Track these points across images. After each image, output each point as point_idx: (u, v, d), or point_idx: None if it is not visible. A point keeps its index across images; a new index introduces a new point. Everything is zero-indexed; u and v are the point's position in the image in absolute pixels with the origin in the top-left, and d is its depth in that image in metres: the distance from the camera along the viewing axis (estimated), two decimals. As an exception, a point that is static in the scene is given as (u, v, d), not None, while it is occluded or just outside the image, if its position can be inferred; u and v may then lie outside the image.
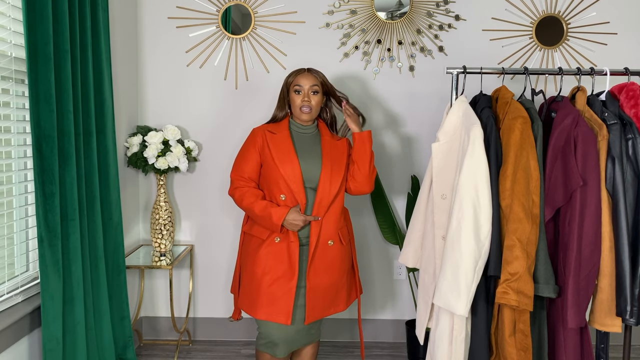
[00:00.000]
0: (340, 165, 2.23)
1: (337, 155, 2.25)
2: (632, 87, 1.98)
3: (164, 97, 3.07)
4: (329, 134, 2.31)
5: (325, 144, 2.26)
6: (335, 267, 2.24)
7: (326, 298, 2.23)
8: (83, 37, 2.24)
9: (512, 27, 3.00)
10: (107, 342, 2.42)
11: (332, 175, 2.19)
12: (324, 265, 2.20)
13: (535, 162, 1.89)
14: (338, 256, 2.24)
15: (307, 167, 2.20)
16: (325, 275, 2.21)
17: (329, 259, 2.21)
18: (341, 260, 2.26)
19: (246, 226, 2.35)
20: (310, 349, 2.35)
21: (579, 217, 1.85)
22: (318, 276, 2.19)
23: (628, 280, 1.84)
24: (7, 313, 1.99)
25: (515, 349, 1.93)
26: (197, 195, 3.11)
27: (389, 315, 3.18)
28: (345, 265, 2.29)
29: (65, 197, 2.10)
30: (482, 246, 1.86)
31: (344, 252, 2.27)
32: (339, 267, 2.25)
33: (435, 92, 3.03)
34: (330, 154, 2.24)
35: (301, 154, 2.23)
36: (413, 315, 3.13)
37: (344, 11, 3.01)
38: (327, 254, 2.21)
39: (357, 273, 2.40)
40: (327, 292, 2.23)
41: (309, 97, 2.23)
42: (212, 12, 3.00)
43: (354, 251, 2.40)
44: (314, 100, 2.24)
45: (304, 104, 2.22)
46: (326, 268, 2.21)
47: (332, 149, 2.26)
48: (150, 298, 3.16)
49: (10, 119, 2.06)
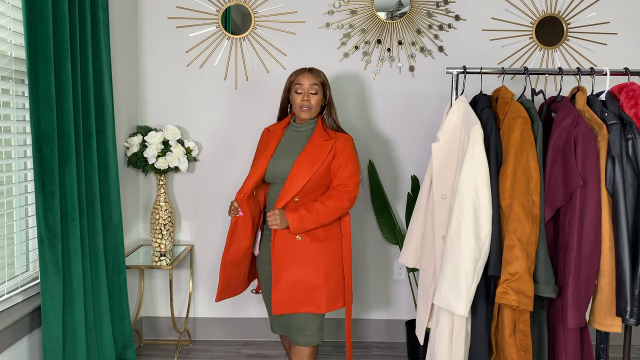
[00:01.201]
0: (311, 166, 2.20)
1: (315, 155, 2.22)
2: (632, 87, 1.98)
3: (164, 97, 3.07)
4: (320, 134, 2.28)
5: (310, 144, 2.26)
6: (306, 263, 2.19)
7: (294, 294, 2.20)
8: (83, 37, 2.24)
9: (512, 27, 3.00)
10: (107, 342, 2.42)
11: (298, 173, 2.20)
12: (288, 259, 2.20)
13: (535, 162, 1.89)
14: (310, 253, 2.20)
15: (277, 165, 2.26)
16: (290, 270, 2.19)
17: (295, 253, 2.20)
18: (314, 258, 2.20)
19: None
20: (306, 350, 2.28)
21: (579, 217, 1.85)
22: (281, 269, 2.20)
23: (628, 280, 1.84)
24: (7, 313, 1.99)
25: (515, 349, 1.93)
26: (197, 195, 3.11)
27: (389, 315, 3.18)
28: (323, 264, 2.21)
29: (65, 197, 2.10)
30: (482, 246, 1.86)
31: (321, 250, 2.21)
32: (312, 265, 2.20)
33: (435, 92, 3.03)
34: (309, 153, 2.23)
35: (282, 152, 2.29)
36: (413, 315, 3.13)
37: (344, 11, 3.01)
38: (294, 249, 2.20)
39: (348, 282, 2.28)
40: (294, 287, 2.19)
41: (308, 96, 2.26)
42: (212, 12, 3.00)
43: (347, 258, 2.29)
44: (313, 100, 2.26)
45: (303, 103, 2.26)
46: (291, 262, 2.20)
47: (313, 148, 2.24)
48: (150, 298, 3.16)
49: (10, 119, 2.06)
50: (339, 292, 2.27)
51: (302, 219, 2.15)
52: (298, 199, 2.21)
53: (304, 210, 2.16)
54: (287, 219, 2.16)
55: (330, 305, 2.23)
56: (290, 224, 2.15)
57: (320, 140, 2.25)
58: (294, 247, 2.21)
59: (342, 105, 3.03)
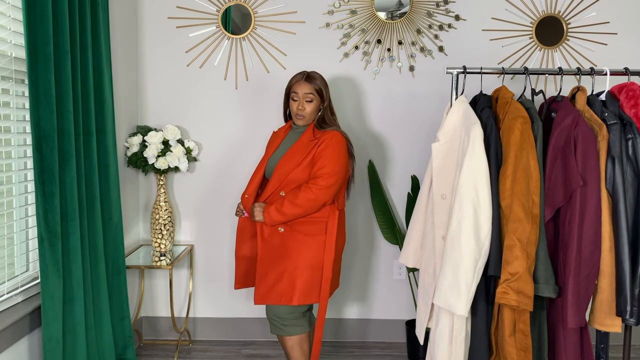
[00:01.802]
0: (292, 162, 2.30)
1: (297, 152, 2.31)
2: (632, 87, 1.98)
3: (164, 97, 3.07)
4: (309, 134, 2.35)
5: (295, 143, 2.35)
6: (283, 255, 2.28)
7: (270, 284, 2.28)
8: (83, 37, 2.24)
9: (512, 27, 3.00)
10: (107, 342, 2.42)
11: (280, 169, 2.31)
12: (268, 248, 2.31)
13: (535, 162, 1.89)
14: (291, 245, 2.28)
15: (271, 163, 2.40)
16: (269, 260, 2.30)
17: (276, 244, 2.30)
18: (294, 251, 2.27)
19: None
20: (288, 340, 2.36)
21: (579, 217, 1.85)
22: (263, 259, 2.32)
23: (628, 280, 1.84)
24: (7, 313, 1.99)
25: (515, 349, 1.93)
26: (197, 195, 3.11)
27: (388, 315, 3.18)
28: (302, 258, 2.26)
29: (65, 197, 2.10)
30: (482, 246, 1.86)
31: (302, 243, 2.28)
32: (290, 257, 2.27)
33: (435, 92, 3.03)
34: (292, 151, 2.33)
35: (278, 152, 2.41)
36: (413, 315, 3.13)
37: (344, 11, 3.01)
38: (275, 239, 2.31)
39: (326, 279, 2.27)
40: (271, 277, 2.28)
41: (303, 105, 2.34)
42: (212, 12, 3.00)
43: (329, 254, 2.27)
44: (308, 108, 2.35)
45: (298, 111, 2.36)
46: (270, 252, 2.31)
47: (298, 147, 2.33)
48: (150, 298, 3.16)
49: (10, 119, 2.06)
50: (315, 287, 2.29)
51: (271, 212, 2.27)
52: (284, 193, 2.31)
53: (275, 205, 2.27)
54: (263, 213, 2.29)
55: (302, 298, 2.27)
56: (264, 217, 2.28)
57: (306, 140, 2.34)
58: (277, 239, 2.32)
59: (342, 105, 3.03)
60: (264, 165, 2.42)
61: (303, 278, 2.27)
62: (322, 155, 2.26)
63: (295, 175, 2.29)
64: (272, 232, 2.32)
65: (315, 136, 2.33)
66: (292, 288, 2.27)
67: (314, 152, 2.29)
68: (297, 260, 2.27)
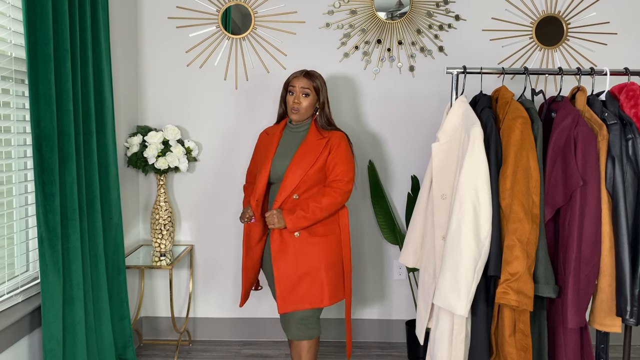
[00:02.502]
0: (303, 164, 2.27)
1: (308, 154, 2.29)
2: (632, 87, 1.98)
3: (164, 97, 3.07)
4: (313, 134, 2.34)
5: (304, 143, 2.32)
6: (305, 259, 2.26)
7: (297, 290, 2.27)
8: (83, 37, 2.24)
9: (512, 27, 3.00)
10: (107, 342, 2.42)
11: (292, 172, 2.27)
12: (289, 256, 2.27)
13: (535, 162, 1.89)
14: (309, 249, 2.27)
15: (277, 166, 2.34)
16: (291, 266, 2.27)
17: (295, 250, 2.27)
18: (314, 253, 2.27)
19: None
20: (306, 344, 2.35)
21: (579, 217, 1.85)
22: (283, 266, 2.27)
23: (628, 280, 1.84)
24: (7, 313, 1.99)
25: (515, 349, 1.93)
26: (197, 195, 3.11)
27: (388, 315, 3.18)
28: (322, 258, 2.28)
29: (65, 197, 2.10)
30: (482, 246, 1.86)
31: (319, 244, 2.28)
32: (311, 260, 2.27)
33: (435, 92, 3.03)
34: (303, 153, 2.30)
35: (280, 153, 2.37)
36: (413, 315, 3.13)
37: (344, 11, 3.01)
38: (293, 246, 2.27)
39: (347, 273, 2.37)
40: (297, 283, 2.26)
41: (299, 99, 2.33)
42: (212, 12, 3.00)
43: (346, 250, 2.37)
44: (304, 102, 2.33)
45: (294, 105, 2.33)
46: (291, 259, 2.27)
47: (308, 148, 2.30)
48: (150, 298, 3.16)
49: (10, 119, 2.06)
50: (340, 285, 2.36)
51: (298, 218, 2.23)
52: (297, 196, 2.28)
53: (300, 210, 2.24)
54: (285, 219, 2.24)
55: (332, 298, 2.30)
56: (287, 223, 2.23)
57: (314, 139, 2.33)
58: (293, 244, 2.28)
59: (342, 105, 3.03)
60: (269, 168, 2.35)
61: (328, 278, 2.29)
62: (339, 160, 2.30)
63: (309, 177, 2.28)
64: (288, 237, 2.28)
65: (322, 135, 2.33)
66: (320, 290, 2.27)
67: (325, 152, 2.30)
68: (318, 262, 2.27)
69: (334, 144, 2.31)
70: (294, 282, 2.27)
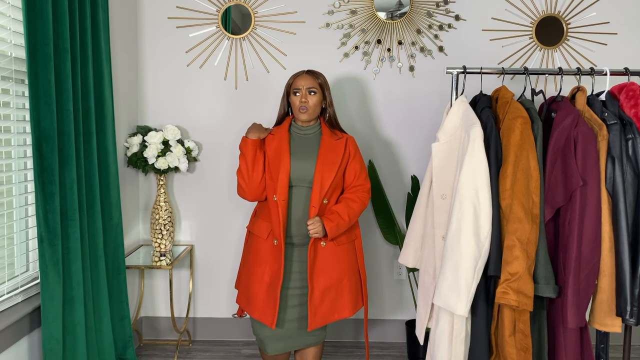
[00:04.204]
0: (332, 166, 2.22)
1: (332, 156, 2.24)
2: (632, 87, 1.98)
3: (164, 97, 3.07)
4: (329, 134, 2.30)
5: (323, 144, 2.27)
6: (331, 269, 2.21)
7: (326, 302, 2.21)
8: (83, 37, 2.24)
9: (512, 27, 3.00)
10: (107, 342, 2.42)
11: (323, 175, 2.20)
12: (319, 267, 2.21)
13: (535, 162, 1.89)
14: (334, 258, 2.22)
15: (299, 168, 2.23)
16: (320, 278, 2.20)
17: (323, 260, 2.21)
18: (337, 262, 2.23)
19: (249, 224, 2.40)
20: (313, 349, 2.33)
21: (579, 217, 1.85)
22: (319, 279, 2.20)
23: (628, 280, 1.84)
24: (7, 313, 1.99)
25: (515, 349, 1.93)
26: (197, 195, 3.11)
27: (389, 315, 3.18)
28: (344, 267, 2.25)
29: (65, 197, 2.10)
30: (482, 246, 1.86)
31: (341, 253, 2.25)
32: (336, 269, 2.22)
33: (435, 92, 3.03)
34: (326, 154, 2.24)
35: (297, 154, 2.26)
36: (413, 315, 3.13)
37: (344, 11, 3.01)
38: (322, 255, 2.21)
39: (364, 280, 2.34)
40: (325, 295, 2.21)
41: (306, 97, 2.26)
42: (212, 12, 3.00)
43: (361, 257, 2.34)
44: (311, 101, 2.26)
45: (301, 104, 2.26)
46: (321, 270, 2.21)
47: (328, 149, 2.26)
48: (150, 298, 3.16)
49: (10, 119, 2.06)
50: (359, 293, 2.33)
51: (338, 226, 2.18)
52: (327, 201, 2.23)
53: (337, 217, 2.18)
54: (326, 227, 2.16)
55: (353, 308, 2.28)
56: (328, 231, 2.17)
57: (332, 140, 2.29)
58: (321, 255, 2.22)
59: (342, 106, 3.03)
60: (288, 167, 2.20)
61: (349, 288, 2.26)
62: (357, 164, 2.30)
63: (337, 180, 2.25)
64: (319, 248, 2.21)
65: (337, 135, 2.32)
66: (343, 302, 2.24)
67: (346, 155, 2.28)
68: (341, 273, 2.23)
69: (352, 150, 2.30)
70: (323, 295, 2.21)
